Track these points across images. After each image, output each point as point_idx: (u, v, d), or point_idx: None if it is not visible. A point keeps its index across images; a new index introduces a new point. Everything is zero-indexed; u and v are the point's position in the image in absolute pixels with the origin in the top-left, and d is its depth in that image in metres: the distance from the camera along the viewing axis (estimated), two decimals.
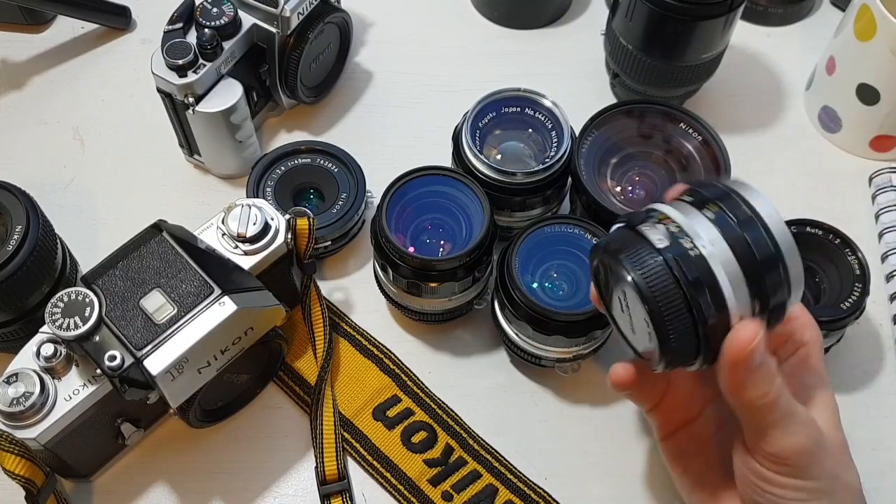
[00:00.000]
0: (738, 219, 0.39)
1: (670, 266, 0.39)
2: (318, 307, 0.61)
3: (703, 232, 0.39)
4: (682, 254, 0.39)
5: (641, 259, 0.39)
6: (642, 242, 0.40)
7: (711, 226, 0.40)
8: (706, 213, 0.40)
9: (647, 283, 0.39)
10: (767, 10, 0.78)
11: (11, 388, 0.49)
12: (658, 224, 0.41)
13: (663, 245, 0.39)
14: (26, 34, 0.77)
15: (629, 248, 0.40)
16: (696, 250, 0.39)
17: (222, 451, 0.59)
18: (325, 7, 0.67)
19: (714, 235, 0.39)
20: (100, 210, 0.68)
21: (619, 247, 0.41)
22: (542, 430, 0.60)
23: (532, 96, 0.61)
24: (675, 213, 0.41)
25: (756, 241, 0.39)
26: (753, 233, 0.39)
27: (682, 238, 0.39)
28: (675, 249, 0.39)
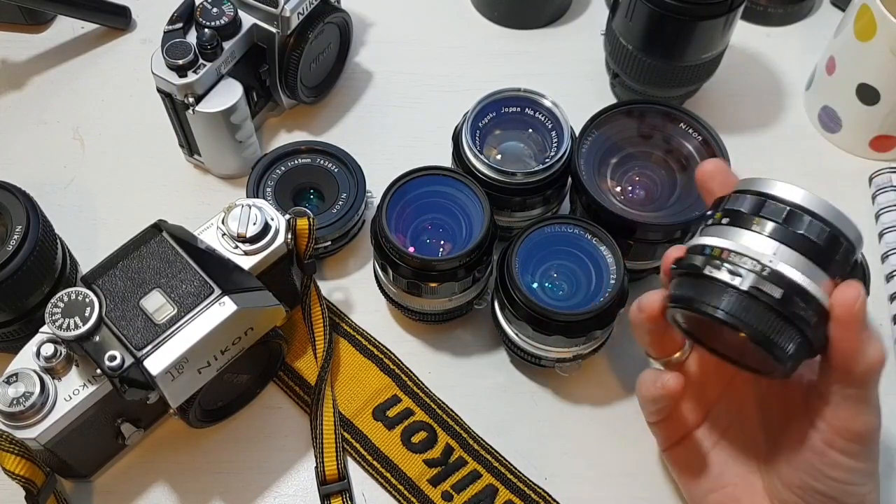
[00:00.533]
0: (783, 218, 0.41)
1: (755, 296, 0.40)
2: (318, 307, 0.61)
3: (763, 248, 0.41)
4: (757, 281, 0.41)
5: (726, 300, 0.41)
6: (718, 285, 0.42)
7: (765, 238, 0.41)
8: (753, 228, 0.42)
9: (744, 321, 0.41)
10: (767, 10, 0.78)
11: (11, 388, 0.49)
12: (717, 261, 0.42)
13: (737, 281, 0.41)
14: (26, 34, 0.77)
15: (708, 294, 0.42)
16: (767, 269, 0.41)
17: (222, 451, 0.59)
18: (325, 7, 0.67)
19: (774, 246, 0.41)
20: (100, 210, 0.68)
21: (696, 295, 0.43)
22: (542, 430, 0.60)
23: (532, 96, 0.61)
24: (728, 242, 0.42)
25: (810, 230, 0.41)
26: (801, 224, 0.41)
27: (748, 263, 0.41)
28: (750, 279, 0.41)
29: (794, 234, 0.41)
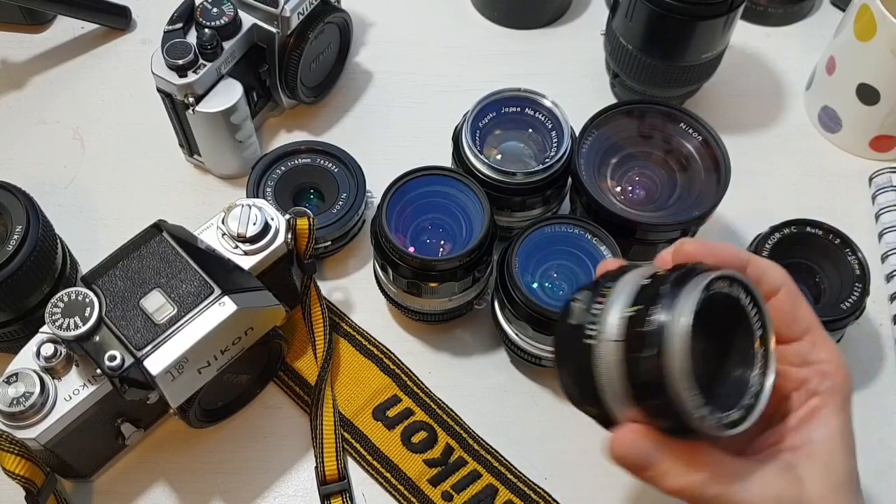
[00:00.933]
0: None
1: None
2: (318, 307, 0.61)
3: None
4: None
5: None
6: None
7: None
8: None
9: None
10: (767, 10, 0.78)
11: (11, 388, 0.49)
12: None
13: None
14: (26, 34, 0.77)
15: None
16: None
17: (222, 451, 0.59)
18: (325, 7, 0.67)
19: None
20: (100, 210, 0.68)
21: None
22: (542, 430, 0.60)
23: (532, 96, 0.61)
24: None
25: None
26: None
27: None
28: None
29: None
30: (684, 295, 0.35)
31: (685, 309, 0.35)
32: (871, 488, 0.58)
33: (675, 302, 0.35)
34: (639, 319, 0.36)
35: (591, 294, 0.39)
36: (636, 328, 0.36)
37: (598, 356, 0.37)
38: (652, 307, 0.35)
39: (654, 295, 0.36)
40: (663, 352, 0.35)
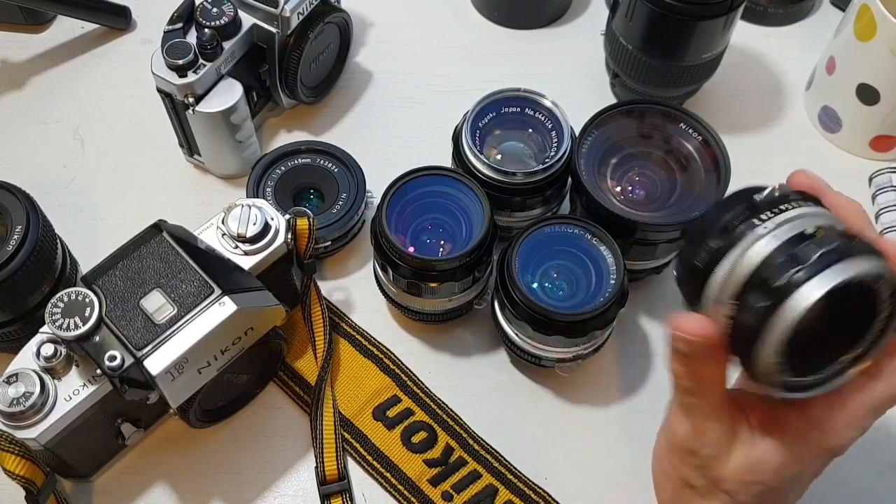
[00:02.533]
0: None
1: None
2: (318, 307, 0.61)
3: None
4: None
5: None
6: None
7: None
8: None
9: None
10: (767, 10, 0.78)
11: (11, 388, 0.49)
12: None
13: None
14: (26, 34, 0.77)
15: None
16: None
17: (222, 451, 0.59)
18: (325, 7, 0.67)
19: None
20: (100, 210, 0.68)
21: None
22: (542, 430, 0.60)
23: (532, 96, 0.61)
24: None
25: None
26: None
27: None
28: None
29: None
30: (847, 265, 0.36)
31: (838, 275, 0.35)
32: (871, 488, 0.58)
33: (837, 263, 0.36)
34: (788, 259, 0.36)
35: (780, 196, 0.39)
36: (783, 261, 0.37)
37: (742, 245, 0.38)
38: (804, 260, 0.36)
39: (832, 239, 0.37)
40: (781, 301, 0.36)
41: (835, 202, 0.41)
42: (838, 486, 0.58)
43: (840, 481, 0.58)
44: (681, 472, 0.44)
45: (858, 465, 0.59)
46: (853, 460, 0.59)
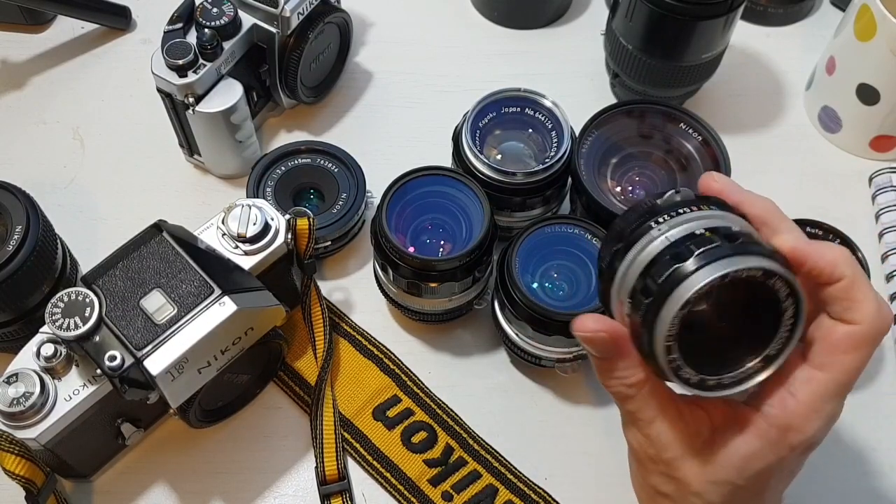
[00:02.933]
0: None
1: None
2: (318, 307, 0.61)
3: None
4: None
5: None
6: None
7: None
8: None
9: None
10: (767, 10, 0.78)
11: (11, 388, 0.49)
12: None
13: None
14: (26, 34, 0.77)
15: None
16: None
17: (222, 451, 0.59)
18: (325, 7, 0.67)
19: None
20: (100, 210, 0.68)
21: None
22: (542, 430, 0.60)
23: (532, 96, 0.61)
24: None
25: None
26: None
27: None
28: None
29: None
30: (728, 261, 0.37)
31: (715, 271, 0.36)
32: (871, 488, 0.58)
33: (717, 261, 0.37)
34: (671, 258, 0.38)
35: (680, 200, 0.41)
36: (667, 259, 0.38)
37: (637, 246, 0.40)
38: (704, 248, 0.37)
39: (720, 239, 0.38)
40: (664, 298, 0.37)
41: (741, 200, 0.42)
42: (838, 486, 0.58)
43: (840, 481, 0.58)
44: (649, 481, 0.44)
45: (858, 465, 0.59)
46: (853, 460, 0.59)
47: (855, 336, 0.39)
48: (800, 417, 0.40)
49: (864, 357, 0.40)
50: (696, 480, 0.41)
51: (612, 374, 0.42)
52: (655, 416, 0.42)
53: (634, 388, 0.42)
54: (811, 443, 0.41)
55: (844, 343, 0.39)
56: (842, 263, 0.39)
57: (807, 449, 0.41)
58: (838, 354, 0.39)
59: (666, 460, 0.42)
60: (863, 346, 0.39)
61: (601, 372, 0.42)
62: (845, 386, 0.40)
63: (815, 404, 0.40)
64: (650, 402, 0.42)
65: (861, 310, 0.39)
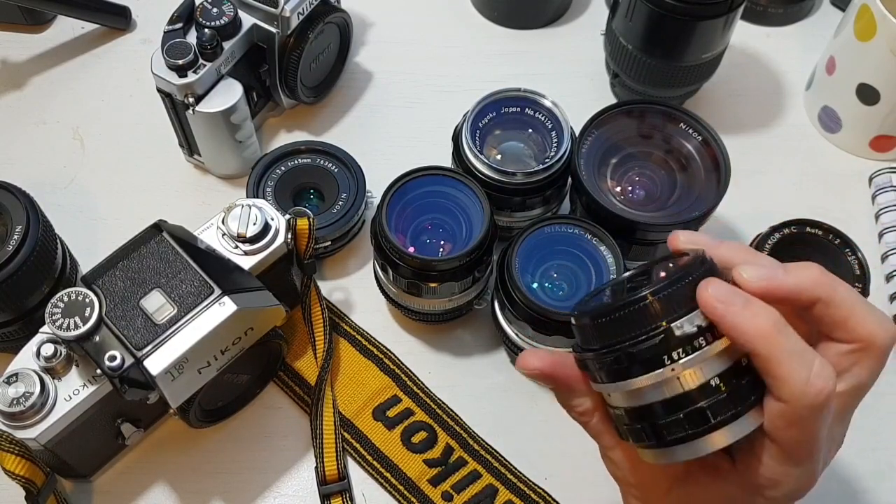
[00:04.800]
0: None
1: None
2: (318, 307, 0.61)
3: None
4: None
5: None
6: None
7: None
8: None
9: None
10: (767, 10, 0.78)
11: (11, 388, 0.49)
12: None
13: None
14: (26, 34, 0.77)
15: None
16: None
17: (222, 451, 0.59)
18: (325, 7, 0.67)
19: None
20: (100, 210, 0.68)
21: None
22: (542, 430, 0.60)
23: (532, 96, 0.61)
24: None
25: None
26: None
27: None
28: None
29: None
30: (732, 428, 0.37)
31: (719, 441, 0.37)
32: (871, 488, 0.58)
33: (722, 427, 0.37)
34: (701, 416, 0.37)
35: (695, 331, 0.37)
36: (696, 413, 0.37)
37: (659, 377, 0.37)
38: (719, 416, 0.37)
39: (730, 397, 0.37)
40: (682, 443, 0.37)
41: (709, 247, 0.39)
42: (838, 487, 0.58)
43: (840, 481, 0.58)
44: (627, 501, 0.44)
45: (858, 465, 0.59)
46: (853, 460, 0.59)
47: (787, 414, 0.36)
48: (770, 480, 0.38)
49: (809, 430, 0.36)
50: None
51: (565, 402, 0.42)
52: (616, 442, 0.42)
53: (587, 416, 0.42)
54: (792, 496, 0.39)
55: (779, 421, 0.36)
56: (756, 338, 0.35)
57: (789, 500, 0.39)
58: (780, 431, 0.37)
59: (634, 484, 0.42)
60: (800, 423, 0.36)
61: (558, 399, 0.43)
62: (803, 456, 0.37)
63: (781, 470, 0.38)
64: (607, 429, 0.42)
65: (785, 388, 0.35)
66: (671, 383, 0.37)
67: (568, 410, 0.43)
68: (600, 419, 0.42)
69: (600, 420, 0.42)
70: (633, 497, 0.43)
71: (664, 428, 0.37)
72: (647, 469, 0.41)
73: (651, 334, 0.36)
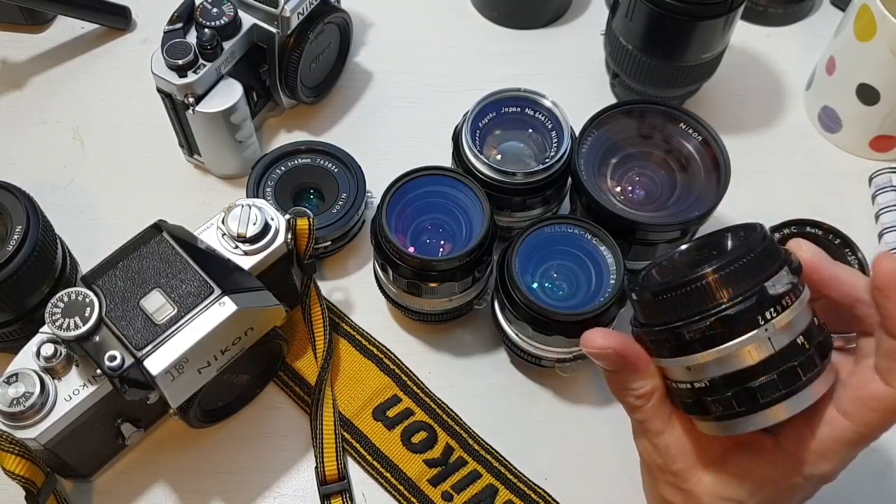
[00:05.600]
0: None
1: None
2: (318, 307, 0.61)
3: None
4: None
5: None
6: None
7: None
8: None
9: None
10: (767, 10, 0.78)
11: (11, 388, 0.49)
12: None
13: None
14: (26, 34, 0.77)
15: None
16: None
17: (222, 451, 0.59)
18: (325, 7, 0.67)
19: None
20: (100, 210, 0.68)
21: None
22: (542, 430, 0.60)
23: (532, 96, 0.61)
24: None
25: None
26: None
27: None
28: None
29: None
30: (806, 393, 0.39)
31: (798, 406, 0.38)
32: (871, 488, 0.58)
33: (802, 391, 0.38)
34: (794, 373, 0.38)
35: (788, 288, 0.38)
36: (787, 372, 0.38)
37: (740, 342, 0.38)
38: (804, 374, 0.38)
39: (814, 355, 0.39)
40: (769, 407, 0.38)
41: (831, 276, 0.41)
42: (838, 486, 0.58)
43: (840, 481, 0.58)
44: (659, 490, 0.44)
45: (858, 466, 0.59)
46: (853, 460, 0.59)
47: (888, 401, 0.38)
48: (815, 455, 0.39)
49: (892, 421, 0.39)
50: (706, 493, 0.41)
51: (623, 385, 0.42)
52: (665, 427, 0.42)
53: (644, 399, 0.42)
54: (825, 478, 0.40)
55: (875, 403, 0.38)
56: (868, 281, 0.38)
57: (821, 482, 0.41)
58: (866, 410, 0.38)
59: (674, 471, 0.42)
60: (893, 413, 0.38)
61: (612, 384, 0.42)
62: (866, 438, 0.39)
63: (831, 447, 0.39)
64: (659, 414, 0.42)
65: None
66: (763, 345, 0.37)
67: (622, 395, 0.42)
68: (657, 402, 0.41)
69: (656, 404, 0.41)
70: (667, 484, 0.43)
71: (758, 391, 0.37)
72: (691, 453, 0.42)
73: (747, 294, 0.37)
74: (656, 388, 0.41)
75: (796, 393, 0.38)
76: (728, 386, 0.38)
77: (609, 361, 0.41)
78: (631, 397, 0.42)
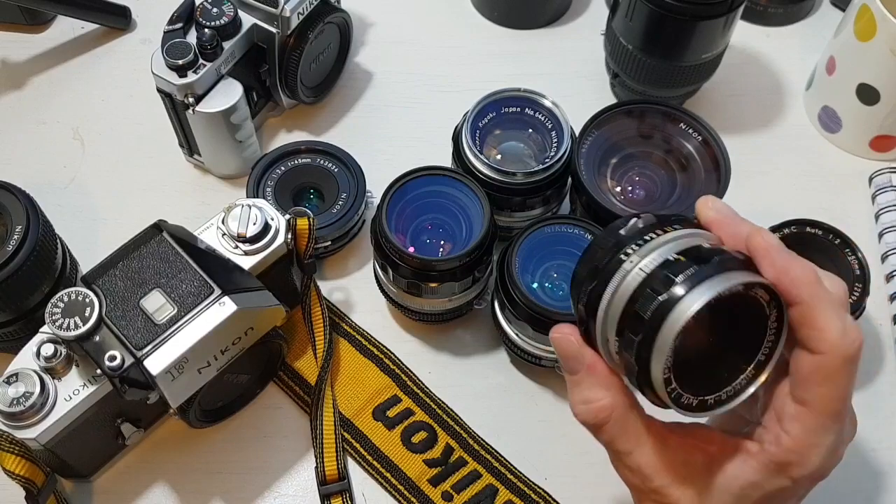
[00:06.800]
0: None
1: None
2: (318, 307, 0.61)
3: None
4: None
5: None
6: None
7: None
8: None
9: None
10: (767, 10, 0.78)
11: (11, 388, 0.49)
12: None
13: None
14: (26, 34, 0.77)
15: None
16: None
17: (222, 451, 0.59)
18: (325, 7, 0.67)
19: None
20: (100, 210, 0.68)
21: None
22: (542, 430, 0.60)
23: (532, 96, 0.61)
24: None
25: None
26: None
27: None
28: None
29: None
30: (710, 283, 0.36)
31: (701, 296, 0.36)
32: (871, 488, 0.58)
33: (699, 285, 0.36)
34: (653, 291, 0.37)
35: (656, 222, 0.40)
36: (649, 292, 0.37)
37: (612, 283, 0.39)
38: (683, 274, 0.37)
39: (695, 262, 0.37)
40: (655, 331, 0.36)
41: (736, 233, 0.40)
42: (838, 486, 0.58)
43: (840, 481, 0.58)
44: None
45: (858, 465, 0.59)
46: (853, 460, 0.59)
47: (823, 367, 0.37)
48: (797, 454, 0.38)
49: (842, 385, 0.37)
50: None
51: (582, 396, 0.41)
52: (633, 446, 0.41)
53: (604, 415, 0.41)
54: (816, 475, 0.39)
55: (814, 376, 0.37)
56: (801, 284, 0.37)
57: (813, 480, 0.40)
58: (813, 388, 0.37)
59: (654, 489, 0.41)
60: (834, 377, 0.37)
61: (571, 394, 0.42)
62: (833, 416, 0.38)
63: (808, 440, 0.38)
64: (624, 433, 0.41)
65: (823, 338, 0.36)
66: (638, 276, 0.38)
67: (584, 414, 0.41)
68: (619, 420, 0.41)
69: (619, 422, 0.41)
70: (652, 501, 0.42)
71: (639, 310, 0.37)
72: (668, 468, 0.41)
73: (610, 245, 0.39)
74: (616, 405, 0.41)
75: (684, 297, 0.36)
76: (622, 322, 0.38)
77: (568, 349, 0.41)
78: (591, 414, 0.41)
